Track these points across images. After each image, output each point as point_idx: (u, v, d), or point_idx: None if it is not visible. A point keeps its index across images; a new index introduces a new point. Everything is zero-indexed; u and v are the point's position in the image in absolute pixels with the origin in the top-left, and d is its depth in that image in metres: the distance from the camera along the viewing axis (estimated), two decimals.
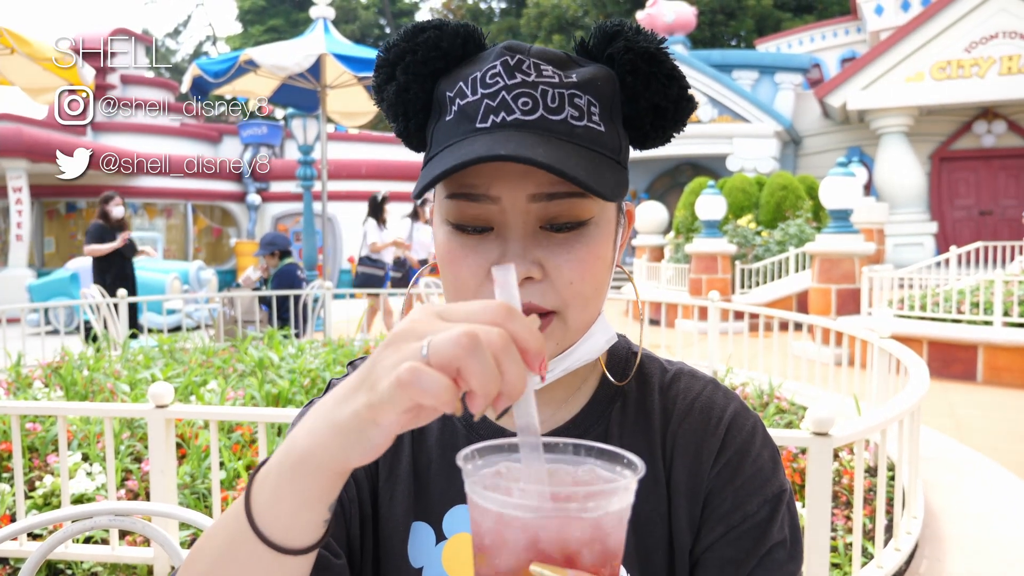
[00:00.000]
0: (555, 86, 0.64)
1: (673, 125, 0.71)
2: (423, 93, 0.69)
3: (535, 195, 0.64)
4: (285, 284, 7.34)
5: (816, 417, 2.23)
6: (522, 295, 0.63)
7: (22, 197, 14.01)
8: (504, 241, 0.65)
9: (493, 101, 0.64)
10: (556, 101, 0.64)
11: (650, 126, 0.70)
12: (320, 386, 4.18)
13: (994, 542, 3.20)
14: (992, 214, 17.43)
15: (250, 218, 19.06)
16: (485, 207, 0.65)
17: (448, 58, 0.68)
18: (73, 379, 4.44)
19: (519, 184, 0.64)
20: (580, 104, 0.65)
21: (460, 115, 0.65)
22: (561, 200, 0.65)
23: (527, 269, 0.64)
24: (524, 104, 0.63)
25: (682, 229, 13.16)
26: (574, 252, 0.66)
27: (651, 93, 0.68)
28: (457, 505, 0.74)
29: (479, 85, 0.65)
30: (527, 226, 0.65)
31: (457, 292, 0.68)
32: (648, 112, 0.69)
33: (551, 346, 0.67)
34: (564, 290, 0.65)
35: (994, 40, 15.69)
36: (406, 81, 0.68)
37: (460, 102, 0.65)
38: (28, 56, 4.59)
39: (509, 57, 0.65)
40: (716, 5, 29.23)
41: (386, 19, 41.48)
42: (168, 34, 44.51)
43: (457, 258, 0.67)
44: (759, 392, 4.67)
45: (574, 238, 0.66)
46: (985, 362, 6.91)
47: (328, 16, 9.03)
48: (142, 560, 2.74)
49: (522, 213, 0.65)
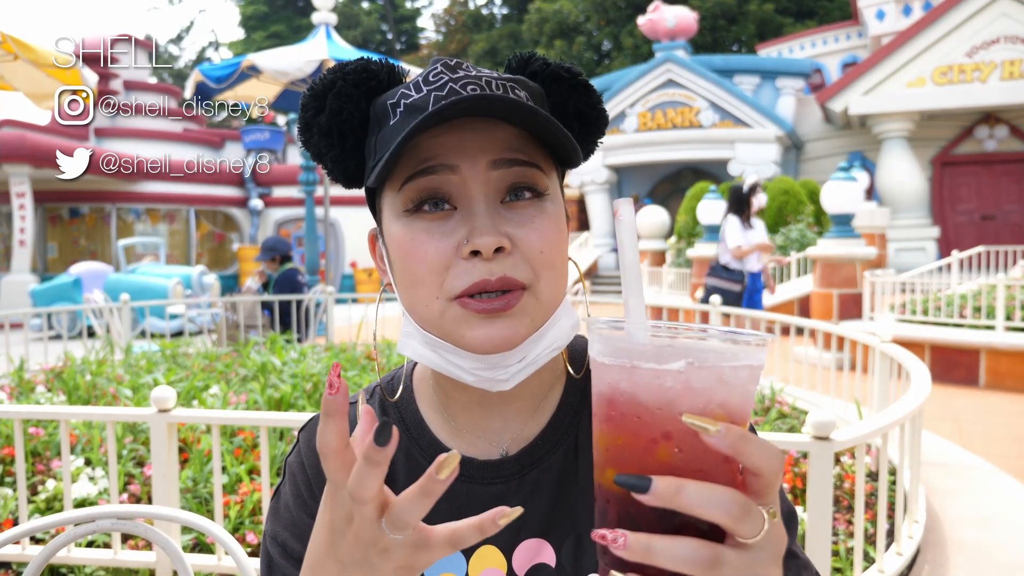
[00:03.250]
0: (496, 78, 0.66)
1: (598, 132, 0.74)
2: (358, 112, 0.69)
3: (496, 161, 0.64)
4: (286, 289, 7.35)
5: (817, 421, 2.23)
6: (496, 268, 0.63)
7: (25, 202, 14.05)
8: (470, 216, 0.64)
9: (441, 92, 0.64)
10: (501, 88, 0.65)
11: (577, 133, 0.73)
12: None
13: (996, 547, 3.19)
14: (994, 219, 17.41)
15: (252, 223, 19.09)
16: (444, 178, 0.64)
17: (378, 78, 0.70)
18: (76, 383, 4.44)
19: (479, 152, 0.64)
20: (521, 95, 0.67)
21: (407, 111, 0.65)
22: (521, 167, 0.65)
23: (498, 240, 0.62)
24: (472, 90, 0.64)
25: (684, 234, 13.17)
26: (539, 221, 0.65)
27: (574, 100, 0.72)
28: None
29: (423, 84, 0.66)
30: (490, 198, 0.64)
31: (423, 279, 0.65)
32: (574, 119, 0.73)
33: (526, 322, 0.65)
34: (535, 260, 0.65)
35: (996, 45, 15.69)
36: (339, 104, 0.69)
37: (405, 102, 0.66)
38: (31, 62, 4.61)
39: (448, 61, 0.67)
40: (718, 10, 29.28)
41: (388, 25, 41.57)
42: (171, 40, 44.64)
43: (421, 243, 0.64)
44: (760, 396, 4.67)
45: (536, 210, 0.66)
46: (987, 367, 6.89)
47: (330, 22, 9.07)
48: (144, 564, 2.75)
49: (483, 183, 0.64)
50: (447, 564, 0.72)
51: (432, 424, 0.76)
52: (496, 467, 0.73)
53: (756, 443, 0.43)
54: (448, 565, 0.72)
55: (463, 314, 0.64)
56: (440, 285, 0.64)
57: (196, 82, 7.76)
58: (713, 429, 0.42)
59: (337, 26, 9.60)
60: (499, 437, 0.74)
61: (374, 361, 5.53)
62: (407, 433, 0.76)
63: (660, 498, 0.43)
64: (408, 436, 0.76)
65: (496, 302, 0.63)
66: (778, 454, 0.45)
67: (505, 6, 39.82)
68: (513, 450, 0.73)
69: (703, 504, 0.43)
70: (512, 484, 0.72)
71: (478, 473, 0.73)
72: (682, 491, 0.42)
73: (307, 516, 0.73)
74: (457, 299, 0.64)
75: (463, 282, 0.63)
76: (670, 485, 0.43)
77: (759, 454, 0.44)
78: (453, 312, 0.64)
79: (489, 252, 0.62)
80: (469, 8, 40.00)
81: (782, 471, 0.45)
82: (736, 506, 0.43)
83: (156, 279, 12.37)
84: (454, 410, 0.75)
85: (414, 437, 0.75)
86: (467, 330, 0.64)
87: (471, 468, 0.73)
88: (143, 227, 17.47)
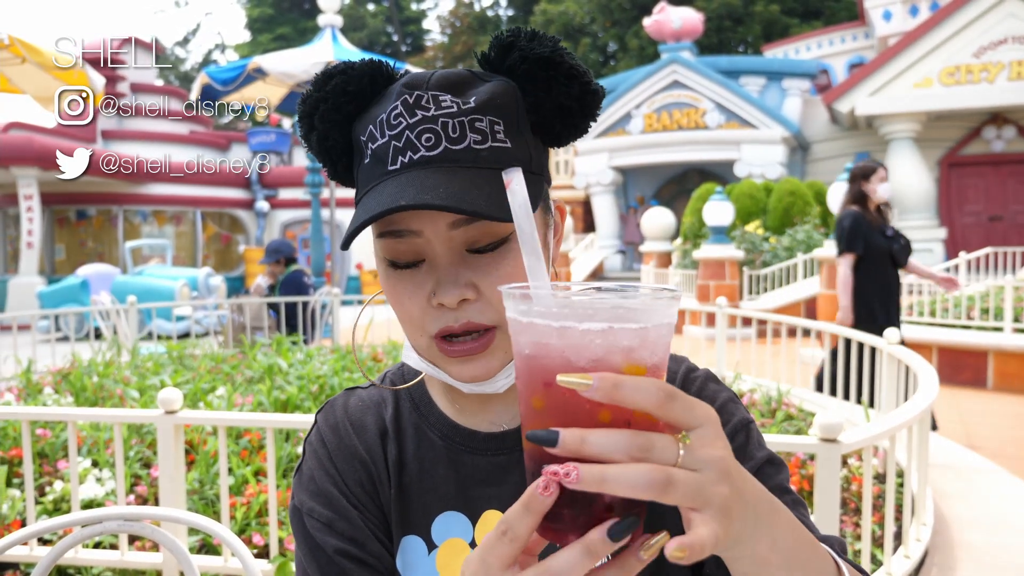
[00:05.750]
0: (454, 115, 0.67)
1: (583, 119, 0.73)
2: (342, 137, 0.73)
3: (454, 223, 0.67)
4: (292, 291, 7.36)
5: (825, 423, 2.22)
6: (460, 315, 0.68)
7: (33, 205, 14.10)
8: (435, 270, 0.69)
9: (399, 142, 0.67)
10: (457, 131, 0.67)
11: (560, 125, 0.73)
12: (328, 393, 4.19)
13: (1004, 550, 3.18)
14: (1002, 220, 17.33)
15: (259, 225, 19.14)
16: (411, 241, 0.69)
17: (358, 98, 0.72)
18: (83, 385, 4.46)
19: (439, 217, 0.67)
20: (482, 127, 0.67)
21: (373, 159, 0.69)
22: (479, 224, 0.67)
23: (460, 292, 0.67)
24: (427, 140, 0.67)
25: (690, 235, 13.14)
26: (502, 268, 0.69)
27: (553, 96, 0.71)
28: (444, 512, 0.77)
29: (385, 127, 0.68)
30: (453, 252, 0.69)
31: (406, 321, 0.72)
32: (555, 114, 0.72)
33: (500, 356, 0.71)
34: (500, 304, 0.67)
35: (1003, 45, 15.63)
36: (325, 129, 0.73)
37: (372, 146, 0.69)
38: (38, 65, 4.63)
39: (408, 95, 0.68)
40: (723, 11, 29.24)
41: (394, 27, 41.64)
42: (177, 43, 44.81)
43: (398, 292, 0.71)
44: (767, 399, 4.65)
45: (500, 256, 0.69)
46: (995, 369, 6.86)
47: (336, 24, 9.09)
48: (151, 565, 2.75)
49: (445, 241, 0.68)
50: (455, 529, 0.76)
51: (439, 402, 0.82)
52: (500, 439, 0.78)
53: (629, 385, 0.45)
54: (456, 530, 0.76)
55: (440, 354, 0.71)
56: (421, 327, 0.71)
57: (202, 84, 7.80)
58: (582, 383, 0.44)
59: (343, 28, 9.63)
60: (499, 418, 0.79)
61: (379, 362, 5.53)
62: (416, 411, 0.82)
63: (567, 449, 0.44)
64: (418, 413, 0.82)
65: (468, 345, 0.69)
66: (658, 387, 0.45)
67: (511, 8, 39.85)
68: (514, 426, 0.79)
69: (607, 448, 0.44)
70: (516, 455, 0.77)
71: (483, 445, 0.78)
72: (586, 440, 0.44)
73: (331, 485, 0.78)
74: (435, 339, 0.70)
75: (434, 327, 0.70)
76: (575, 436, 0.45)
77: (635, 395, 0.45)
78: (434, 350, 0.71)
79: (453, 305, 0.68)
80: (475, 10, 40.04)
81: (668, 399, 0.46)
82: (635, 446, 0.45)
83: (163, 281, 12.41)
84: (457, 396, 0.80)
85: (423, 414, 0.81)
86: (447, 366, 0.72)
87: (476, 440, 0.78)
88: (150, 229, 17.52)
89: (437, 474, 0.78)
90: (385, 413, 0.82)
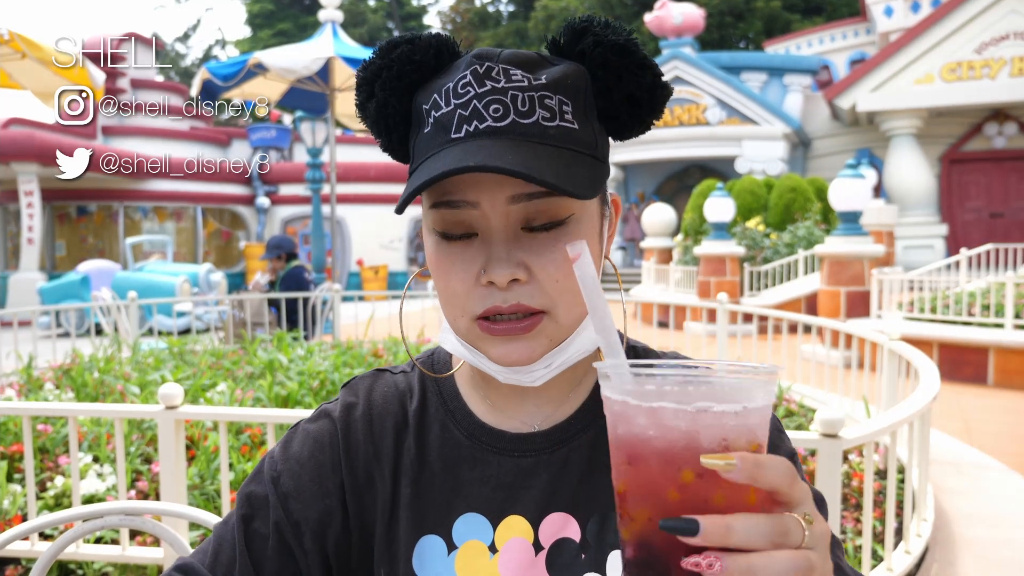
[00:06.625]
0: (524, 90, 0.65)
1: (649, 113, 0.71)
2: (402, 107, 0.71)
3: (513, 196, 0.65)
4: (293, 286, 7.36)
5: (826, 419, 2.22)
6: (510, 296, 0.66)
7: (33, 201, 14.10)
8: (488, 245, 0.67)
9: (465, 111, 0.65)
10: (527, 105, 0.65)
11: (627, 116, 0.71)
12: (329, 388, 4.19)
13: (1005, 545, 3.18)
14: (1003, 216, 17.33)
15: (259, 221, 19.14)
16: (466, 212, 0.67)
17: (423, 70, 0.69)
18: (84, 381, 4.46)
19: (497, 188, 0.65)
20: (551, 105, 0.66)
21: (436, 127, 0.67)
22: (539, 200, 0.66)
23: (512, 271, 0.65)
24: (495, 111, 0.65)
25: (691, 231, 13.13)
26: (558, 250, 0.66)
27: (623, 84, 0.69)
28: (466, 513, 0.74)
29: (452, 96, 0.66)
30: (508, 229, 0.67)
31: (449, 299, 0.70)
32: (623, 103, 0.70)
33: (544, 342, 0.69)
34: (551, 289, 0.67)
35: (1005, 41, 15.60)
36: (385, 97, 0.70)
37: (435, 114, 0.67)
38: (39, 60, 4.63)
39: (478, 65, 0.66)
40: (725, 7, 29.19)
41: (394, 22, 41.59)
42: (178, 38, 44.79)
43: (445, 266, 0.69)
44: None
45: (556, 236, 0.67)
46: (996, 365, 6.86)
47: (336, 20, 9.07)
48: (152, 560, 2.76)
49: (502, 216, 0.66)
50: (475, 531, 0.74)
51: (468, 399, 0.80)
52: (528, 440, 0.76)
53: (767, 464, 0.45)
54: (476, 532, 0.74)
55: (483, 334, 0.69)
56: (464, 306, 0.69)
57: (203, 80, 7.78)
58: (727, 464, 0.44)
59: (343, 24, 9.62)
60: (531, 418, 0.77)
61: (380, 358, 5.54)
62: (444, 406, 0.80)
63: (710, 539, 0.44)
64: (444, 409, 0.79)
65: (514, 325, 0.67)
66: (788, 466, 0.46)
67: (511, 3, 39.78)
68: (544, 427, 0.77)
69: (752, 536, 0.44)
70: (543, 457, 0.75)
71: (510, 445, 0.76)
72: (732, 528, 0.44)
73: (312, 467, 0.77)
74: (477, 320, 0.68)
75: (479, 307, 0.68)
76: (718, 524, 0.44)
77: (772, 474, 0.45)
78: (476, 330, 0.69)
79: (503, 284, 0.66)
80: (475, 5, 39.98)
81: (795, 478, 0.46)
82: (775, 532, 0.45)
83: (163, 277, 12.42)
84: (490, 391, 0.78)
85: (450, 410, 0.79)
86: (488, 347, 0.69)
87: (503, 440, 0.76)
88: (150, 225, 17.52)
89: (461, 473, 0.76)
90: (410, 405, 0.80)
